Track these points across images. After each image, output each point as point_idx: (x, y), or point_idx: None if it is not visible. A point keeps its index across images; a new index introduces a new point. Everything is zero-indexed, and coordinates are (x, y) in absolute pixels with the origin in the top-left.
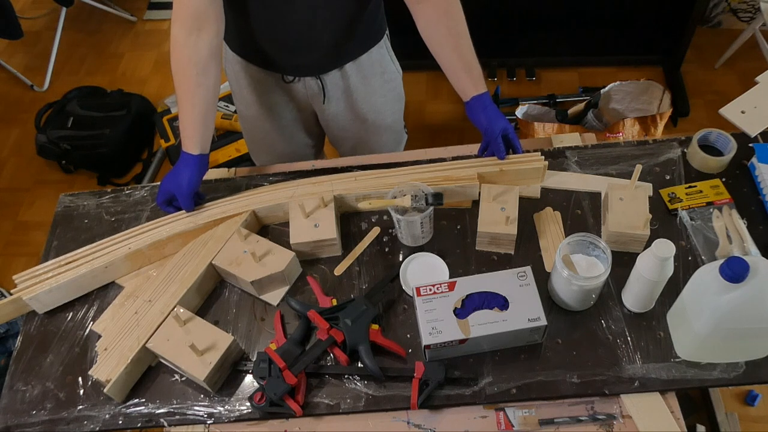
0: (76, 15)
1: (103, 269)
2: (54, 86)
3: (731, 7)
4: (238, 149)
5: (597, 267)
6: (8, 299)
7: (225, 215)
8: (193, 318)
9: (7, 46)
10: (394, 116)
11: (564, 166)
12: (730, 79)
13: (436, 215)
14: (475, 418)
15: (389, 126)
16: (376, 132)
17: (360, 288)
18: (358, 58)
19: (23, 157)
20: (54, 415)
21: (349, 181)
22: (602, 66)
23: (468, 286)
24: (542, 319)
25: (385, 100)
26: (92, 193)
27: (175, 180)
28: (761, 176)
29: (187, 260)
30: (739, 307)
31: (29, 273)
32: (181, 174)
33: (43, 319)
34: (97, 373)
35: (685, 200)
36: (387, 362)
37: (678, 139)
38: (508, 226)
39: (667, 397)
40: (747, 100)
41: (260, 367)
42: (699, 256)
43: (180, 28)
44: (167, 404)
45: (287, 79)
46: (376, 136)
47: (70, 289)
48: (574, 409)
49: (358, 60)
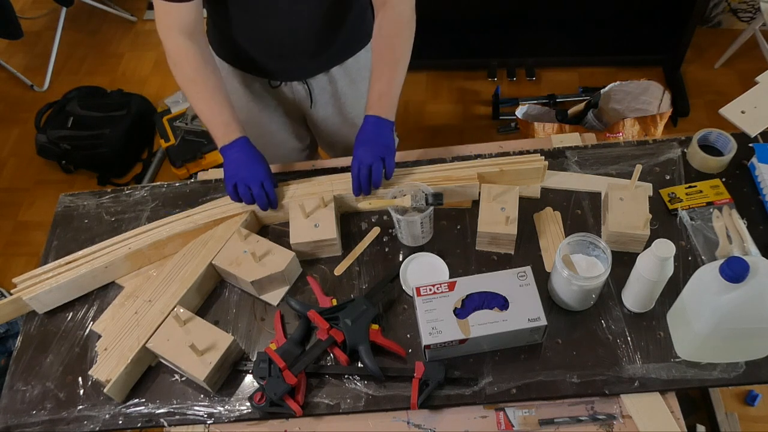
0: (76, 15)
1: (103, 269)
2: (54, 86)
3: (731, 7)
4: None
5: (597, 267)
6: (8, 299)
7: (225, 215)
8: (193, 318)
9: (7, 46)
10: None
11: (564, 166)
12: (730, 79)
13: (436, 215)
14: (475, 418)
15: None
16: None
17: (360, 288)
18: (344, 62)
19: (23, 157)
20: (54, 415)
21: (348, 181)
22: (602, 66)
23: (468, 286)
24: (542, 319)
25: None
26: (92, 193)
27: (248, 168)
28: (761, 176)
29: (187, 260)
30: (739, 307)
31: (29, 275)
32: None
33: (43, 319)
34: (97, 373)
35: (685, 200)
36: (387, 362)
37: (678, 139)
38: (508, 226)
39: (667, 397)
40: (747, 100)
41: (260, 367)
42: (699, 256)
43: (176, 38)
44: (167, 404)
45: (273, 84)
46: None
47: (70, 289)
48: (574, 409)
49: (344, 64)
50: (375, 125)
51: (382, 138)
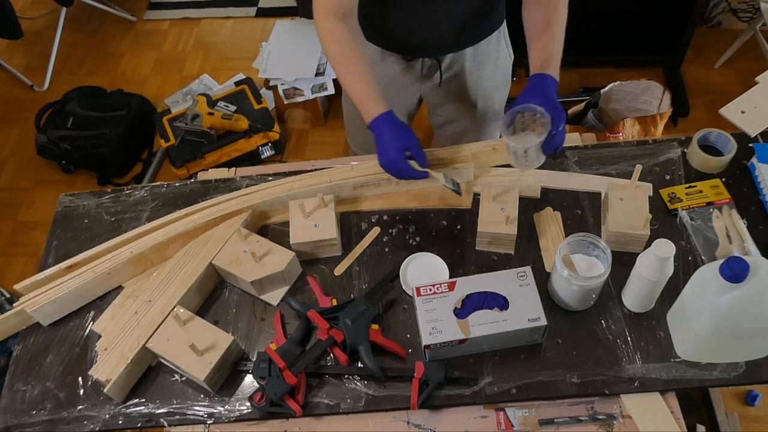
0: (76, 15)
1: (107, 275)
2: (54, 86)
3: (731, 7)
4: (238, 149)
5: (597, 267)
6: (12, 312)
7: (225, 212)
8: (193, 318)
9: (7, 46)
10: (501, 101)
11: (564, 166)
12: (730, 79)
13: (436, 215)
14: (475, 418)
15: (495, 113)
16: (482, 119)
17: (360, 288)
18: (477, 43)
19: (23, 157)
20: (54, 415)
21: (345, 171)
22: (602, 66)
23: (468, 286)
24: (542, 319)
25: (495, 84)
26: (92, 193)
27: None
28: (761, 176)
29: (187, 260)
30: (739, 307)
31: (30, 282)
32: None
33: None
34: (97, 373)
35: (685, 200)
36: (387, 362)
37: (678, 139)
38: (508, 226)
39: (667, 397)
40: (747, 100)
41: (260, 367)
42: (699, 256)
43: (331, 19)
44: (167, 404)
45: (407, 58)
46: (482, 123)
47: (74, 299)
48: (574, 409)
49: (476, 45)
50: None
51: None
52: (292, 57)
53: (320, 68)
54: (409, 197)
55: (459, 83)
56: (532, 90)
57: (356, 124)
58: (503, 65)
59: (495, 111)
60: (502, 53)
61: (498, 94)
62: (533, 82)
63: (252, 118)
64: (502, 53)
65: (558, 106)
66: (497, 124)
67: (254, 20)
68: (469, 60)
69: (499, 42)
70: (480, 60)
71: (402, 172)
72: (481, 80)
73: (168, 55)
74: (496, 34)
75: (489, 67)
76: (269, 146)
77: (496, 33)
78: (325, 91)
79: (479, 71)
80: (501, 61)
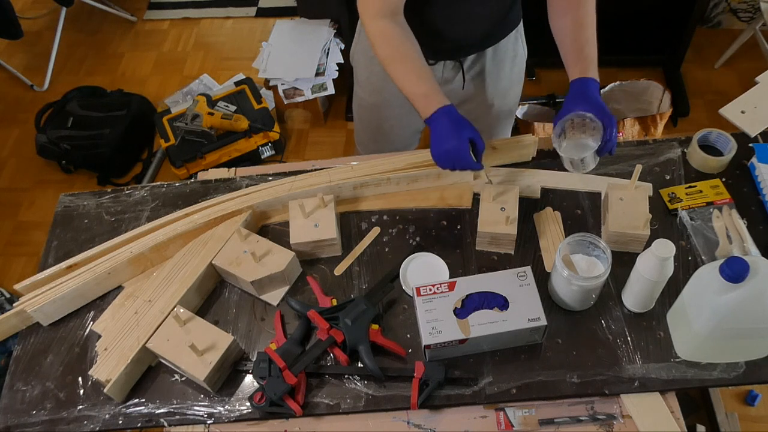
0: (76, 15)
1: (106, 275)
2: (54, 86)
3: (731, 7)
4: (238, 149)
5: (597, 267)
6: (12, 312)
7: (225, 212)
8: (193, 318)
9: (7, 46)
10: (515, 99)
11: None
12: (730, 79)
13: (436, 215)
14: (475, 418)
15: (510, 111)
16: (497, 117)
17: (360, 288)
18: (497, 43)
19: (23, 157)
20: (54, 415)
21: (345, 171)
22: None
23: (468, 286)
24: (542, 319)
25: (511, 83)
26: (92, 193)
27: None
28: (761, 176)
29: (187, 260)
30: (739, 307)
31: (30, 282)
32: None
33: None
34: (97, 373)
35: (685, 200)
36: (387, 362)
37: (678, 139)
38: (508, 226)
39: (667, 397)
40: (747, 100)
41: (260, 367)
42: (699, 256)
43: (381, 19)
44: (167, 404)
45: (429, 62)
46: (497, 121)
47: (74, 299)
48: (574, 409)
49: (496, 45)
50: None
51: (589, 93)
52: (292, 57)
53: (320, 68)
54: (409, 197)
55: (478, 83)
56: (576, 96)
57: (371, 131)
58: (519, 63)
59: (509, 109)
60: (519, 51)
61: (513, 92)
62: (576, 87)
63: (252, 118)
64: (519, 51)
65: (606, 111)
66: (510, 122)
67: (254, 20)
68: (489, 60)
69: (517, 40)
70: (499, 59)
71: (462, 160)
72: (499, 79)
73: (168, 55)
74: (513, 33)
75: (507, 66)
76: (269, 146)
77: (514, 32)
78: (325, 91)
79: (498, 71)
80: (518, 59)
